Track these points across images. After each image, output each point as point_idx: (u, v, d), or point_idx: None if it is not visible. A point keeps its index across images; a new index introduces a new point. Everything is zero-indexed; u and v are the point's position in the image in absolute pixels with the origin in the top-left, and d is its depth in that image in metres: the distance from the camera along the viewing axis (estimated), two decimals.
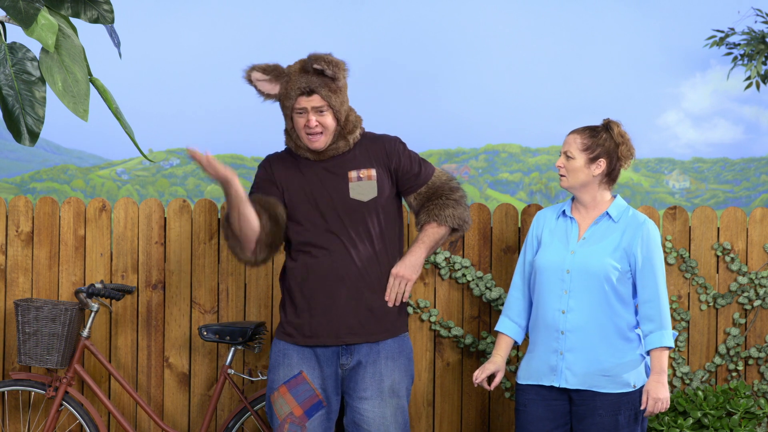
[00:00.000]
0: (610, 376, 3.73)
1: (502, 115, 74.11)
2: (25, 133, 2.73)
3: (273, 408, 3.80)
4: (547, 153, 51.98)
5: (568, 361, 3.76)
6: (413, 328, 4.53)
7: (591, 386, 3.74)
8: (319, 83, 3.70)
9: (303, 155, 3.82)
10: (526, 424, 3.82)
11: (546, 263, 3.82)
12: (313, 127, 3.73)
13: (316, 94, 3.71)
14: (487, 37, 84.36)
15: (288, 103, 3.74)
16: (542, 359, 3.81)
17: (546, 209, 3.99)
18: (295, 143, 3.83)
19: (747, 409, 4.30)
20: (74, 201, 4.57)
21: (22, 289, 4.55)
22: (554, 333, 3.78)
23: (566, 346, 3.76)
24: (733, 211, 4.53)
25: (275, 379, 3.81)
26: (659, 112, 58.47)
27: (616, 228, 3.79)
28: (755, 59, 10.16)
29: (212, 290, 4.55)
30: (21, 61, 2.72)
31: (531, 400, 3.82)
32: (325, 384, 3.78)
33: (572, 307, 3.76)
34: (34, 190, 43.08)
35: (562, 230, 3.86)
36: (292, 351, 3.79)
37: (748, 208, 6.46)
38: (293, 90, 3.72)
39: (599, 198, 3.84)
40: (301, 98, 3.72)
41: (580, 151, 3.80)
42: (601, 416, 3.72)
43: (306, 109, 3.72)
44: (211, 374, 4.56)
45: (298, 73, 3.72)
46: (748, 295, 4.50)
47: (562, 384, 3.76)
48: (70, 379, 4.34)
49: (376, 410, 3.77)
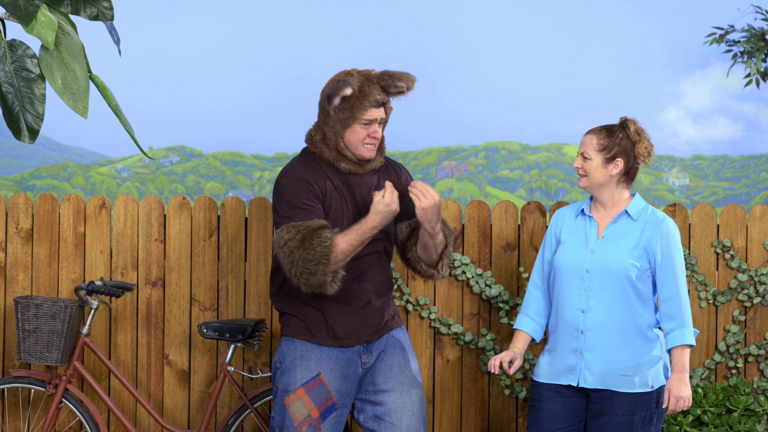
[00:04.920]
0: (628, 375, 3.72)
1: (501, 113, 74.04)
2: (25, 131, 2.73)
3: (288, 410, 3.73)
4: (546, 150, 51.91)
5: (588, 361, 3.74)
6: (413, 326, 4.54)
7: (609, 386, 3.73)
8: (386, 97, 3.74)
9: (341, 165, 3.76)
10: (541, 420, 3.80)
11: (565, 262, 3.80)
12: (377, 138, 3.73)
13: (384, 107, 3.74)
14: (487, 35, 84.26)
15: (360, 113, 3.69)
16: (561, 358, 3.79)
17: (564, 208, 3.97)
18: (339, 153, 3.75)
19: (747, 406, 4.30)
20: (74, 198, 4.57)
21: (22, 286, 4.55)
22: (574, 332, 3.76)
23: (586, 346, 3.75)
24: (733, 208, 4.53)
25: (291, 382, 3.74)
26: (659, 109, 58.41)
27: (635, 226, 3.78)
28: (755, 56, 10.16)
29: (212, 287, 4.55)
30: (21, 59, 2.71)
31: (547, 396, 3.80)
32: (341, 386, 3.76)
33: (592, 306, 3.75)
34: (34, 187, 43.08)
35: (581, 229, 3.85)
36: (310, 352, 3.75)
37: (747, 205, 6.46)
38: (368, 101, 3.69)
39: (617, 197, 3.83)
40: (373, 110, 3.70)
41: (596, 152, 3.79)
42: (618, 415, 3.72)
43: (375, 120, 3.72)
44: (211, 371, 4.56)
45: (371, 84, 3.71)
46: (748, 292, 4.50)
47: (581, 383, 3.75)
48: (69, 377, 4.34)
49: (400, 401, 3.78)
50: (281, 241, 3.61)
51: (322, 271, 3.56)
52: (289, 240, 3.59)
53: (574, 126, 60.59)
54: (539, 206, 4.54)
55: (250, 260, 4.53)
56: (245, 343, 4.33)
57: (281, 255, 3.62)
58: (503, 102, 70.59)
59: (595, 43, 77.11)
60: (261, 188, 53.10)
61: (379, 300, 3.83)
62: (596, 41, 77.75)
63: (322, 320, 3.75)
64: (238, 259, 4.53)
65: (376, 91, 3.69)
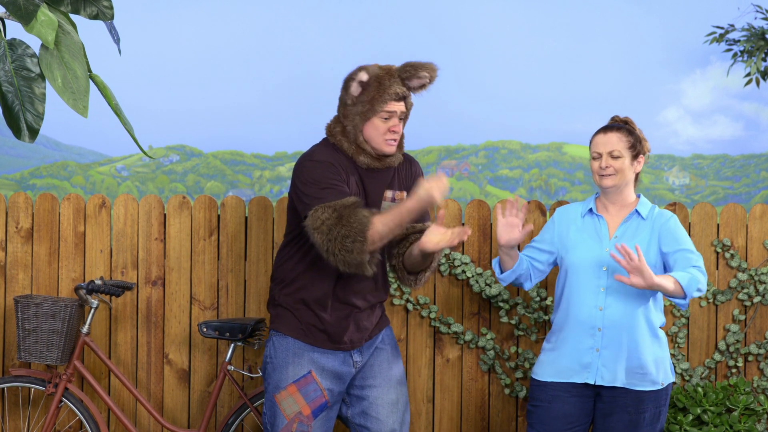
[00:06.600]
0: (644, 373, 3.73)
1: (502, 112, 74.01)
2: (25, 130, 2.72)
3: (278, 407, 3.75)
4: (546, 150, 51.94)
5: (605, 358, 3.74)
6: (413, 325, 4.54)
7: (625, 383, 3.74)
8: (407, 91, 3.72)
9: (360, 159, 3.73)
10: (548, 420, 3.79)
11: (581, 261, 3.80)
12: (397, 132, 3.70)
13: (404, 101, 3.71)
14: (487, 35, 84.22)
15: (379, 106, 3.67)
16: (573, 357, 3.79)
17: (567, 207, 3.97)
18: (358, 146, 3.72)
19: (747, 406, 4.30)
20: (74, 197, 4.57)
21: (21, 285, 4.55)
22: (590, 330, 3.76)
23: (603, 343, 3.75)
24: (733, 208, 4.53)
25: (282, 378, 3.76)
26: (659, 108, 58.32)
27: (646, 225, 3.80)
28: (755, 56, 10.16)
29: (212, 287, 4.55)
30: (20, 58, 2.71)
31: (556, 396, 3.79)
32: (333, 385, 3.76)
33: (609, 303, 3.75)
34: (34, 187, 43.09)
35: (591, 228, 3.85)
36: (303, 350, 3.76)
37: (747, 204, 6.46)
38: (388, 93, 3.67)
39: (630, 197, 3.85)
40: (393, 103, 3.68)
41: (627, 149, 3.80)
42: (630, 413, 3.72)
43: (394, 113, 3.69)
44: (211, 371, 4.56)
45: (391, 78, 3.69)
46: (748, 291, 4.50)
47: (598, 381, 3.75)
48: (69, 376, 4.34)
49: (387, 396, 3.80)
50: (317, 221, 3.53)
51: (359, 249, 3.50)
52: (327, 219, 3.52)
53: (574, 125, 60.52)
54: (539, 205, 4.53)
55: (250, 259, 4.53)
56: (245, 342, 4.33)
57: (318, 236, 3.53)
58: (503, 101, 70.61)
59: (595, 42, 77.31)
60: (261, 187, 53.12)
61: (374, 304, 3.83)
62: (596, 41, 77.96)
63: (318, 322, 3.75)
64: (238, 259, 4.53)
65: (396, 84, 3.67)
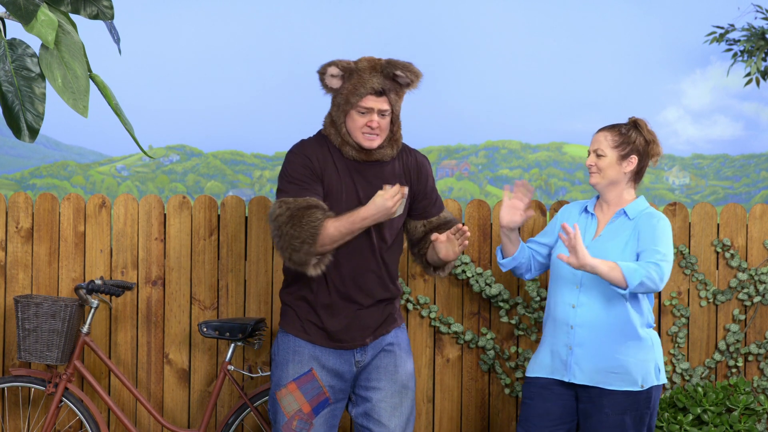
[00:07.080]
0: (618, 373, 3.71)
1: (502, 112, 74.07)
2: (25, 130, 2.72)
3: (279, 404, 3.75)
4: (546, 149, 51.91)
5: (577, 356, 3.75)
6: (413, 325, 4.53)
7: (598, 383, 3.73)
8: (391, 87, 3.69)
9: (348, 153, 3.74)
10: (530, 417, 3.81)
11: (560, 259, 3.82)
12: (374, 128, 3.69)
13: (386, 96, 3.69)
14: (487, 34, 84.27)
15: (354, 99, 3.66)
16: (553, 353, 3.81)
17: (570, 205, 4.00)
18: (342, 139, 3.74)
19: (747, 406, 4.30)
20: (74, 197, 4.57)
21: (21, 285, 4.55)
22: (564, 327, 3.78)
23: (575, 341, 3.75)
24: (733, 208, 4.53)
25: (283, 376, 3.76)
26: (659, 108, 58.39)
27: (630, 225, 3.79)
28: (755, 55, 10.16)
29: (212, 287, 4.55)
30: (21, 58, 2.71)
31: (536, 393, 3.82)
32: (334, 382, 3.76)
33: (583, 302, 3.75)
34: (34, 187, 43.05)
35: (582, 227, 3.87)
36: (303, 348, 3.76)
37: (747, 204, 6.46)
38: (364, 88, 3.66)
39: (625, 196, 3.85)
40: (370, 98, 3.67)
41: (611, 149, 3.80)
42: (608, 415, 3.71)
43: (372, 110, 3.68)
44: (211, 371, 4.56)
45: (370, 72, 3.67)
46: (748, 291, 4.50)
47: (571, 379, 3.76)
48: (69, 376, 4.34)
49: (390, 400, 3.78)
50: (273, 214, 3.64)
51: (306, 250, 3.57)
52: (280, 215, 3.61)
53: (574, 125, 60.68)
54: (539, 205, 4.53)
55: (250, 259, 4.53)
56: (245, 342, 4.33)
57: (272, 227, 3.65)
58: (503, 101, 70.62)
59: (595, 42, 77.27)
60: (261, 187, 53.11)
61: (376, 304, 3.80)
62: (596, 41, 77.87)
63: (317, 320, 3.75)
64: (238, 258, 4.53)
65: (376, 79, 3.66)
